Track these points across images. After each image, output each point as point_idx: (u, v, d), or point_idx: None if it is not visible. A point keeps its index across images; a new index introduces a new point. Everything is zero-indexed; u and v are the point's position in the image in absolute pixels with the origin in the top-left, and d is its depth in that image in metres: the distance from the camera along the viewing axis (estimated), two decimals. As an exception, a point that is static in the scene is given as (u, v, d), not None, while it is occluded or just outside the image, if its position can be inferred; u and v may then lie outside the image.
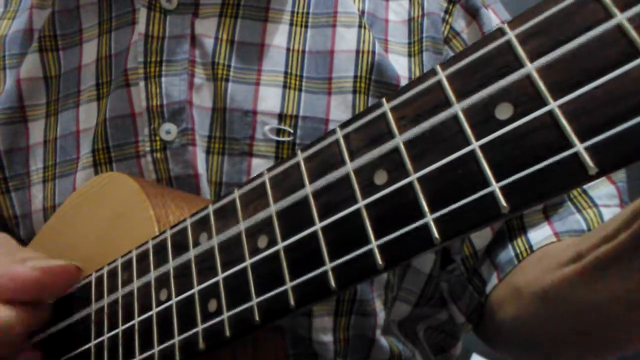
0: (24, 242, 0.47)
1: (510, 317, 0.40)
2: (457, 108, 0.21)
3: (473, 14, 0.45)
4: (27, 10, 0.50)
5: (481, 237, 0.43)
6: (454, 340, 0.53)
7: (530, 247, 0.39)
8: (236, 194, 0.29)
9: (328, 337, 0.42)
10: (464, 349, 0.58)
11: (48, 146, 0.46)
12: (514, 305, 0.39)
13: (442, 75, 0.22)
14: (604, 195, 0.41)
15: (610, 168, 0.18)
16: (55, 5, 0.47)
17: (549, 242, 0.39)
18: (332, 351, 0.42)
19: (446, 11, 0.46)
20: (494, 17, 0.46)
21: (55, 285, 0.35)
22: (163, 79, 0.41)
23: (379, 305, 0.43)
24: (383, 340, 0.43)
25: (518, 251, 0.40)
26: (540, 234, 0.40)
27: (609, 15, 0.18)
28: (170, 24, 0.42)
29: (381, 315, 0.43)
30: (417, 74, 0.43)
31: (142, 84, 0.41)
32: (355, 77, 0.41)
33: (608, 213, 0.40)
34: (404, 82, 0.42)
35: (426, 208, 0.21)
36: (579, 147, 0.18)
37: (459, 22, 0.46)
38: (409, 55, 0.44)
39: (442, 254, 0.46)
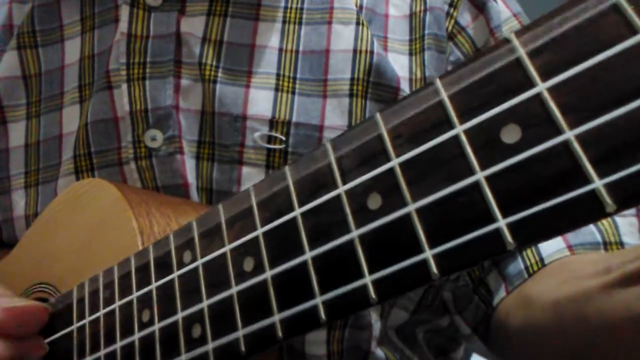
0: (7, 245, 0.45)
1: (518, 327, 0.38)
2: (459, 129, 0.19)
3: (480, 7, 0.42)
4: (6, 5, 0.47)
5: None
6: (456, 344, 0.51)
7: (541, 259, 0.38)
8: (221, 211, 0.27)
9: (321, 350, 0.40)
10: (464, 350, 0.57)
11: (30, 150, 0.44)
12: (522, 315, 0.37)
13: (442, 91, 0.20)
14: None
15: (631, 205, 0.16)
16: None
17: (562, 256, 0.37)
18: None
19: (451, 4, 0.43)
20: (503, 10, 0.43)
21: (18, 328, 0.31)
22: (147, 82, 0.39)
23: (374, 317, 0.41)
24: (379, 352, 0.42)
25: (528, 263, 0.38)
26: (552, 246, 0.38)
27: (634, 31, 0.16)
28: (154, 23, 0.39)
29: (377, 327, 0.41)
30: (419, 74, 0.41)
31: (124, 86, 0.39)
32: (352, 79, 0.39)
33: (624, 223, 0.38)
34: (404, 83, 0.40)
35: (425, 242, 0.19)
36: (598, 183, 0.16)
37: (465, 16, 0.43)
38: (410, 54, 0.41)
39: None
